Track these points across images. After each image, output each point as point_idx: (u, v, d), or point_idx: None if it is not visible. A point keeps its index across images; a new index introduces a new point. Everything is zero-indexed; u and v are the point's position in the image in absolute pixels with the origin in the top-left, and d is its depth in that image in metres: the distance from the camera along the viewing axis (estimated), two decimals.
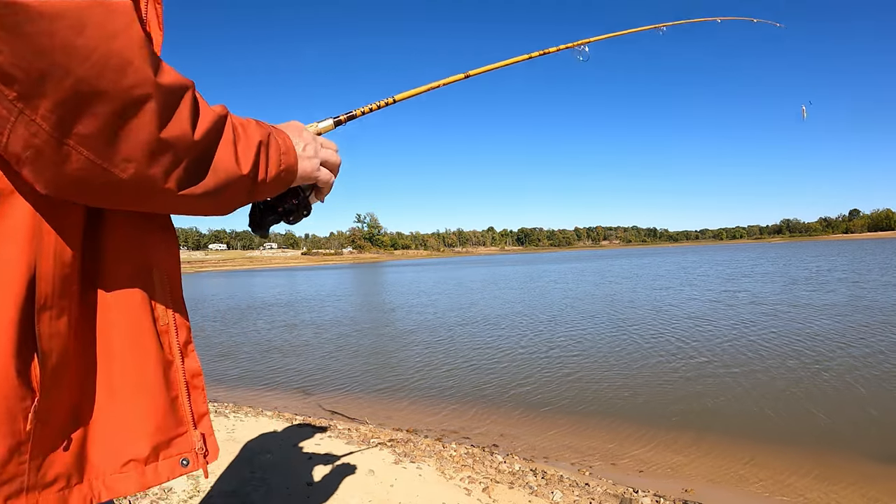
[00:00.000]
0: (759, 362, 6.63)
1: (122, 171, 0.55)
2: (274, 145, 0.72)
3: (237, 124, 0.67)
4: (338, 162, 0.87)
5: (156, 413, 0.69)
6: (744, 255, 50.06)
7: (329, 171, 0.85)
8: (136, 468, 0.67)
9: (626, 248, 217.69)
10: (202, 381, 0.76)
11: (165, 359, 0.71)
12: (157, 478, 0.69)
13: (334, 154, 0.86)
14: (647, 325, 9.99)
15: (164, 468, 0.70)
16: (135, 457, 0.67)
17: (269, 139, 0.71)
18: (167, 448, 0.70)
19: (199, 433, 0.74)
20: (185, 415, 0.73)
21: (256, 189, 0.71)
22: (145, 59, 0.52)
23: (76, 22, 0.47)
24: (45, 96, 0.48)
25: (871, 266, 23.82)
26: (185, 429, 0.72)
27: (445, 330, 10.63)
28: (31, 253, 0.56)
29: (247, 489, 2.84)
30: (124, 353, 0.67)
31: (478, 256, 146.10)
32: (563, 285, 21.48)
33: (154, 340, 0.69)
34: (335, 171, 0.87)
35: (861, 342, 7.42)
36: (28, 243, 0.55)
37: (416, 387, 6.36)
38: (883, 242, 79.17)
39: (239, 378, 7.28)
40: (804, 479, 3.54)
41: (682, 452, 4.07)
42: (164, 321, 0.71)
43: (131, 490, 0.67)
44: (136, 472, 0.67)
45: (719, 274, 24.11)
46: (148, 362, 0.68)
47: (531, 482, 3.25)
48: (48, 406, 0.59)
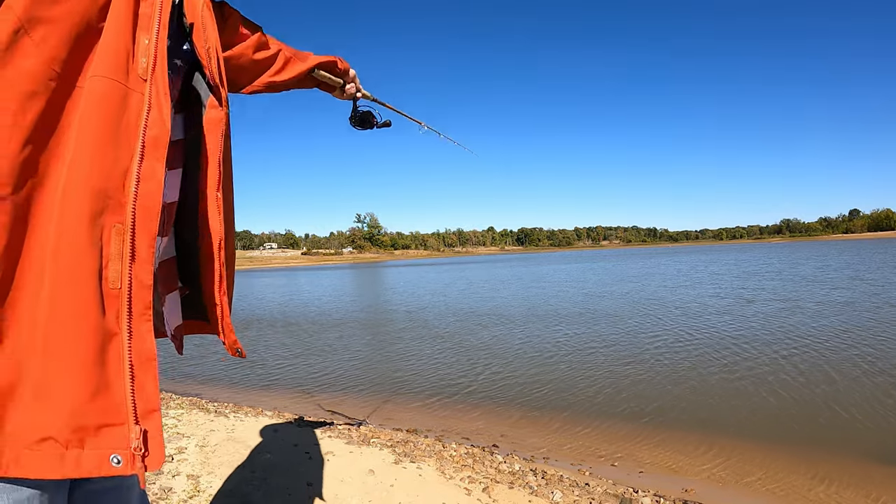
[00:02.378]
0: (760, 362, 6.62)
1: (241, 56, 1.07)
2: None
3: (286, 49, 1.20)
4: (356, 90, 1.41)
5: (82, 389, 0.57)
6: (746, 255, 50.03)
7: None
8: (53, 449, 0.57)
9: (627, 247, 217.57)
10: (154, 369, 0.63)
11: (106, 329, 0.59)
12: (79, 468, 0.58)
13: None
14: (648, 324, 9.99)
15: (88, 459, 0.58)
16: (53, 434, 0.56)
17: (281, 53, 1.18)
18: (94, 437, 0.59)
19: (139, 429, 0.61)
20: (123, 403, 0.60)
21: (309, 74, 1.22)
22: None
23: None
24: None
25: (879, 264, 23.80)
26: (120, 420, 0.60)
27: (446, 330, 10.63)
28: None
29: (247, 489, 2.83)
30: (55, 305, 0.56)
31: (478, 256, 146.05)
32: (571, 285, 21.48)
33: (93, 302, 0.58)
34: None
35: (866, 341, 7.42)
36: None
37: (417, 387, 6.36)
38: (883, 242, 79.15)
39: (239, 378, 7.28)
40: (805, 478, 3.54)
41: (682, 452, 4.06)
42: (113, 283, 0.59)
43: (46, 473, 0.56)
44: (54, 454, 0.57)
45: (729, 272, 24.12)
46: (80, 327, 0.57)
47: (531, 482, 3.25)
48: None
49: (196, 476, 3.00)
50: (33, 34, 0.52)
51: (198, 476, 3.00)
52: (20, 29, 0.51)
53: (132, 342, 0.60)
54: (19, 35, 0.50)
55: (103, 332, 0.58)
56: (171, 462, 3.21)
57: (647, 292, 16.57)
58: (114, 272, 0.59)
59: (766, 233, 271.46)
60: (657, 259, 50.23)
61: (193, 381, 7.13)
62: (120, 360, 0.60)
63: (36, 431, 0.56)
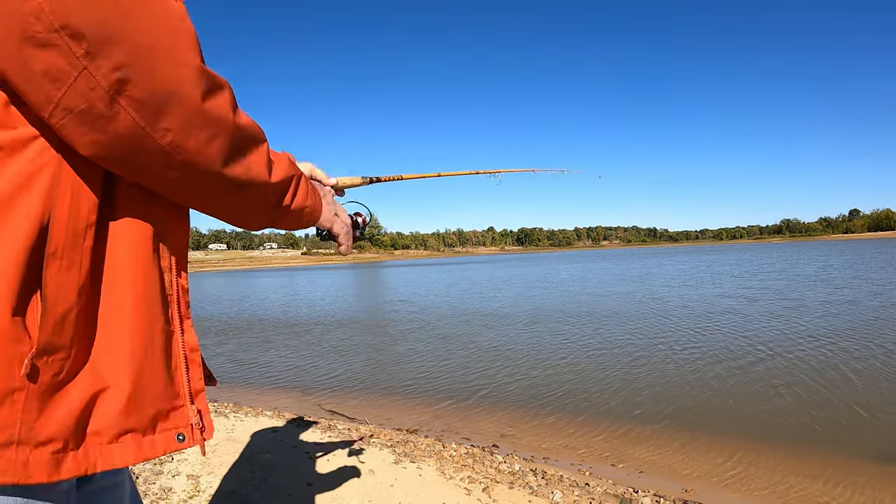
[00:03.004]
0: (760, 362, 6.62)
1: (161, 136, 0.59)
2: (306, 182, 0.83)
3: (273, 152, 0.76)
4: (348, 222, 0.99)
5: (156, 383, 0.67)
6: (747, 255, 50.03)
7: (342, 223, 0.97)
8: (133, 439, 0.65)
9: (627, 247, 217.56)
10: (199, 357, 0.75)
11: (169, 329, 0.70)
12: (154, 450, 0.67)
13: (345, 215, 0.99)
14: (648, 324, 9.99)
15: (160, 441, 0.68)
16: (133, 427, 0.65)
17: (303, 178, 0.82)
18: (164, 420, 0.69)
19: (195, 408, 0.72)
20: (183, 388, 0.72)
21: (280, 211, 0.79)
22: (197, 46, 0.61)
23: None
24: (108, 56, 0.53)
25: (883, 264, 23.79)
26: (182, 402, 0.71)
27: (446, 330, 10.63)
28: (48, 200, 0.57)
29: (247, 489, 2.84)
30: (133, 317, 0.65)
31: (478, 256, 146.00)
32: (575, 285, 21.48)
33: (161, 308, 0.69)
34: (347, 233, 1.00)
35: (866, 341, 7.42)
36: (46, 191, 0.58)
37: (417, 387, 6.36)
38: (883, 242, 79.14)
39: (239, 378, 7.27)
40: (805, 478, 3.54)
41: (682, 452, 4.06)
42: (170, 290, 0.71)
43: (128, 461, 0.65)
44: (134, 444, 0.65)
45: (730, 272, 24.11)
46: (154, 330, 0.67)
47: (531, 482, 3.25)
48: (47, 358, 0.58)
49: (196, 476, 3.00)
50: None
51: (198, 476, 3.00)
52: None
53: (185, 337, 0.72)
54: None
55: (167, 333, 0.70)
56: (171, 462, 3.21)
57: (649, 292, 16.57)
58: (168, 282, 0.70)
59: (766, 233, 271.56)
60: (659, 259, 50.24)
61: None
62: (178, 354, 0.71)
63: (120, 426, 0.64)
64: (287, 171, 0.76)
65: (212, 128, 0.62)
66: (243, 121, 0.67)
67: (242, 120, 0.67)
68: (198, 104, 0.60)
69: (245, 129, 0.67)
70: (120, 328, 0.65)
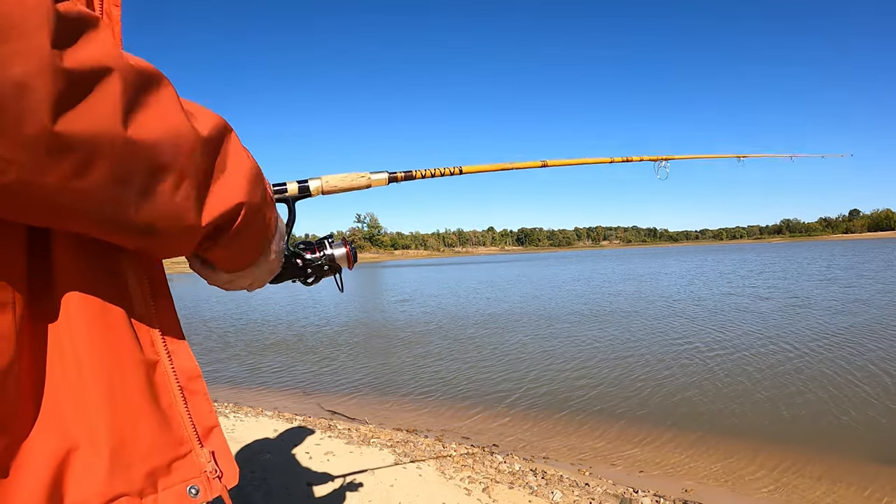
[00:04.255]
0: (760, 362, 6.63)
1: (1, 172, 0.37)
2: (266, 216, 0.61)
3: (232, 151, 0.53)
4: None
5: (143, 429, 0.53)
6: (750, 255, 50.02)
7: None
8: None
9: (627, 248, 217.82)
10: (203, 386, 0.59)
11: (147, 359, 0.54)
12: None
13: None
14: (648, 324, 9.99)
15: (165, 501, 0.54)
16: (124, 490, 0.51)
17: (265, 209, 0.60)
18: (167, 475, 0.54)
19: (207, 451, 0.57)
20: (185, 429, 0.57)
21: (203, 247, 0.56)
22: (46, 22, 0.35)
23: None
24: None
25: (885, 264, 23.80)
26: (187, 448, 0.56)
27: (447, 330, 10.64)
28: None
29: (247, 489, 2.84)
30: (93, 358, 0.51)
31: (478, 256, 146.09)
32: (580, 286, 21.49)
33: (128, 337, 0.53)
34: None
35: (867, 341, 7.42)
36: None
37: (417, 387, 6.36)
38: (883, 242, 79.15)
39: (239, 378, 7.28)
40: (804, 478, 3.54)
41: (682, 452, 4.06)
42: (143, 311, 0.56)
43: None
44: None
45: (735, 272, 24.11)
46: (124, 365, 0.52)
47: (531, 482, 3.25)
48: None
49: None
50: None
51: None
52: None
53: (174, 364, 0.57)
54: None
55: (147, 364, 0.54)
56: None
57: (657, 292, 16.58)
58: (138, 302, 0.55)
59: (766, 233, 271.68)
60: (661, 259, 50.24)
61: None
62: (168, 387, 0.56)
63: (104, 494, 0.50)
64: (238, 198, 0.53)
65: (77, 153, 0.38)
66: (153, 126, 0.43)
67: (152, 123, 0.42)
68: (48, 122, 0.36)
69: (162, 146, 0.44)
70: (86, 378, 0.50)
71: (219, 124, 0.51)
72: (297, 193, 0.86)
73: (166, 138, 0.44)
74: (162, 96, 0.44)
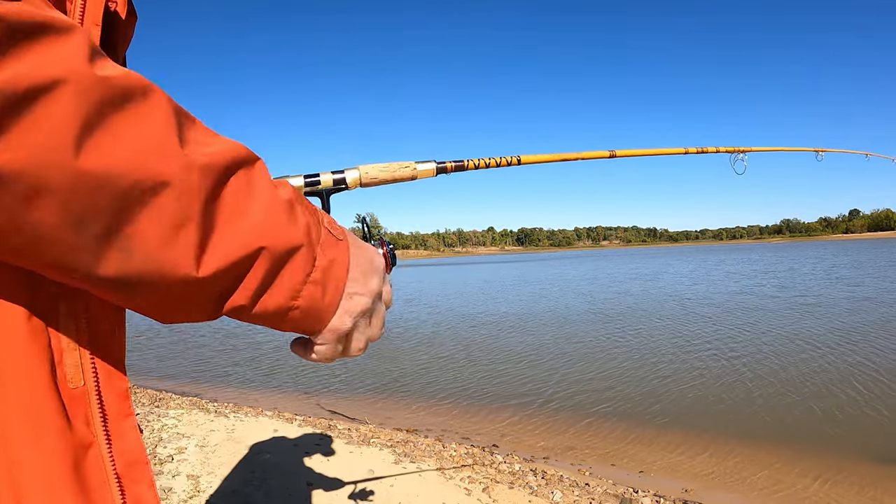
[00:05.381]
0: (760, 362, 6.62)
1: None
2: (305, 257, 0.43)
3: (249, 185, 0.41)
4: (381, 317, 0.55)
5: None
6: (753, 255, 49.98)
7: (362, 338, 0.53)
8: None
9: (627, 248, 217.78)
10: (148, 472, 0.47)
11: (77, 440, 0.43)
12: None
13: (388, 300, 0.56)
14: (648, 324, 9.99)
15: None
16: None
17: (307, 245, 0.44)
18: None
19: None
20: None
21: (225, 308, 0.43)
22: None
23: None
24: None
25: (888, 263, 23.80)
26: None
27: (446, 330, 10.63)
28: None
29: (247, 489, 2.84)
30: (7, 434, 0.39)
31: (478, 256, 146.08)
32: (587, 286, 21.48)
33: (55, 412, 0.41)
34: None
35: (867, 341, 7.42)
36: None
37: (417, 387, 6.37)
38: (884, 242, 79.12)
39: (239, 378, 7.27)
40: (804, 479, 3.54)
41: (682, 452, 4.07)
42: (75, 381, 0.43)
43: None
44: None
45: (739, 272, 24.10)
46: (45, 447, 0.41)
47: (531, 482, 3.26)
48: None
49: (196, 476, 3.00)
50: None
51: (198, 476, 3.01)
52: None
53: (112, 447, 0.45)
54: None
55: (74, 446, 0.42)
56: (172, 462, 3.21)
57: (665, 291, 16.57)
58: (71, 367, 0.43)
59: (766, 233, 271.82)
60: (664, 259, 50.23)
61: (193, 381, 7.13)
62: (103, 474, 0.44)
63: None
64: (246, 245, 0.40)
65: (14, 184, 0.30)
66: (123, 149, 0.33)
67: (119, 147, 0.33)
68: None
69: (131, 170, 0.33)
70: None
71: (229, 151, 0.40)
72: (332, 186, 0.75)
73: (141, 168, 0.34)
74: (141, 115, 0.34)
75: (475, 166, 0.87)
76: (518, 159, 0.93)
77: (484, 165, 0.88)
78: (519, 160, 0.93)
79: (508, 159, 0.92)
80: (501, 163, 0.91)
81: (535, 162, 0.96)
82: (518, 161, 0.93)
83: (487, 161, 0.89)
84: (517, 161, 0.93)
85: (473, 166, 0.87)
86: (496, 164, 0.90)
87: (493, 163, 0.90)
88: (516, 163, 0.93)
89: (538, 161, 0.97)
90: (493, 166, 0.90)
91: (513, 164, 0.93)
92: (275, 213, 0.42)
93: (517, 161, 0.93)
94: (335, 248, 0.47)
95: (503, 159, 0.91)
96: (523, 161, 0.93)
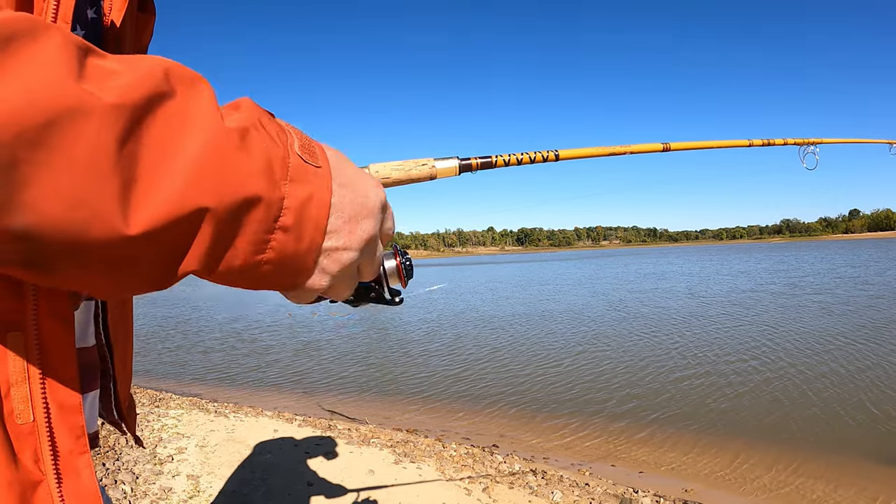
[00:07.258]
0: (759, 362, 6.62)
1: None
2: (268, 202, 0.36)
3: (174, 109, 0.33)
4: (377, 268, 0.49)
5: None
6: (754, 255, 49.99)
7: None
8: None
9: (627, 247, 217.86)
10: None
11: (24, 477, 0.40)
12: None
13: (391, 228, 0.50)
14: (648, 324, 9.99)
15: None
16: None
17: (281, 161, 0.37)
18: None
19: None
20: None
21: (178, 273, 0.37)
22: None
23: None
24: None
25: (890, 263, 23.80)
26: None
27: (446, 330, 10.64)
28: None
29: (247, 489, 2.84)
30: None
31: (479, 256, 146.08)
32: (592, 286, 21.48)
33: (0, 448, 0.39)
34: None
35: (867, 341, 7.42)
36: None
37: (417, 387, 6.36)
38: (884, 242, 79.14)
39: (239, 378, 7.27)
40: (804, 479, 3.54)
41: (682, 452, 4.06)
42: (23, 417, 0.40)
43: None
44: None
45: (746, 272, 24.11)
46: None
47: (531, 482, 3.26)
48: None
49: (196, 476, 3.00)
50: None
51: (198, 476, 3.01)
52: None
53: (63, 486, 0.41)
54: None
55: (21, 483, 0.39)
56: (172, 462, 3.21)
57: (666, 291, 16.58)
58: (20, 402, 0.40)
59: (766, 233, 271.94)
60: (666, 258, 50.21)
61: (194, 381, 7.13)
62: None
63: None
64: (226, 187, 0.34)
65: None
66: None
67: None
68: None
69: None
70: None
71: (147, 81, 0.32)
72: None
73: (28, 111, 0.28)
74: (24, 54, 0.28)
75: (505, 163, 0.75)
76: (556, 154, 0.81)
77: (515, 162, 0.77)
78: (557, 155, 0.81)
79: (544, 154, 0.80)
80: (536, 158, 0.79)
81: (575, 157, 0.84)
82: (556, 156, 0.81)
83: (519, 157, 0.77)
84: (555, 157, 0.81)
85: (503, 163, 0.75)
86: (529, 161, 0.79)
87: (527, 158, 0.78)
88: (553, 158, 0.81)
89: (579, 156, 0.85)
90: (527, 162, 0.78)
91: (549, 161, 0.81)
92: (217, 152, 0.34)
93: (555, 157, 0.81)
94: (312, 180, 0.39)
95: (538, 154, 0.79)
96: (562, 156, 0.82)
